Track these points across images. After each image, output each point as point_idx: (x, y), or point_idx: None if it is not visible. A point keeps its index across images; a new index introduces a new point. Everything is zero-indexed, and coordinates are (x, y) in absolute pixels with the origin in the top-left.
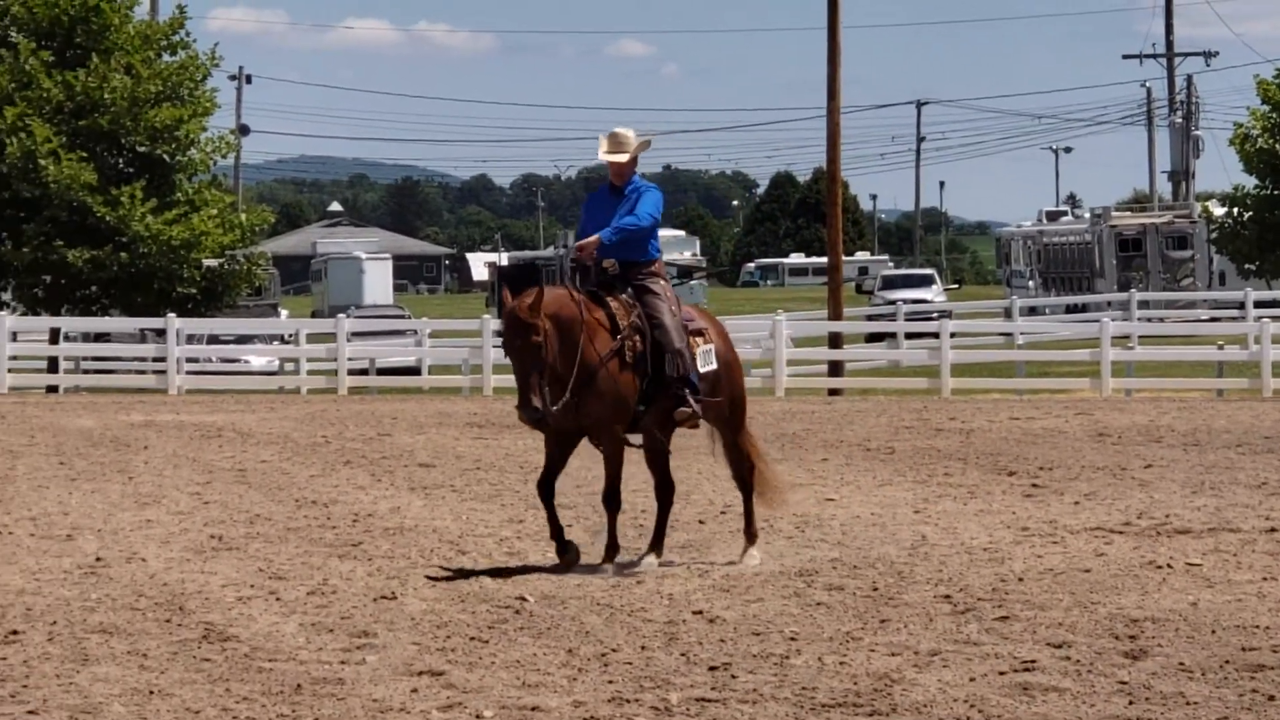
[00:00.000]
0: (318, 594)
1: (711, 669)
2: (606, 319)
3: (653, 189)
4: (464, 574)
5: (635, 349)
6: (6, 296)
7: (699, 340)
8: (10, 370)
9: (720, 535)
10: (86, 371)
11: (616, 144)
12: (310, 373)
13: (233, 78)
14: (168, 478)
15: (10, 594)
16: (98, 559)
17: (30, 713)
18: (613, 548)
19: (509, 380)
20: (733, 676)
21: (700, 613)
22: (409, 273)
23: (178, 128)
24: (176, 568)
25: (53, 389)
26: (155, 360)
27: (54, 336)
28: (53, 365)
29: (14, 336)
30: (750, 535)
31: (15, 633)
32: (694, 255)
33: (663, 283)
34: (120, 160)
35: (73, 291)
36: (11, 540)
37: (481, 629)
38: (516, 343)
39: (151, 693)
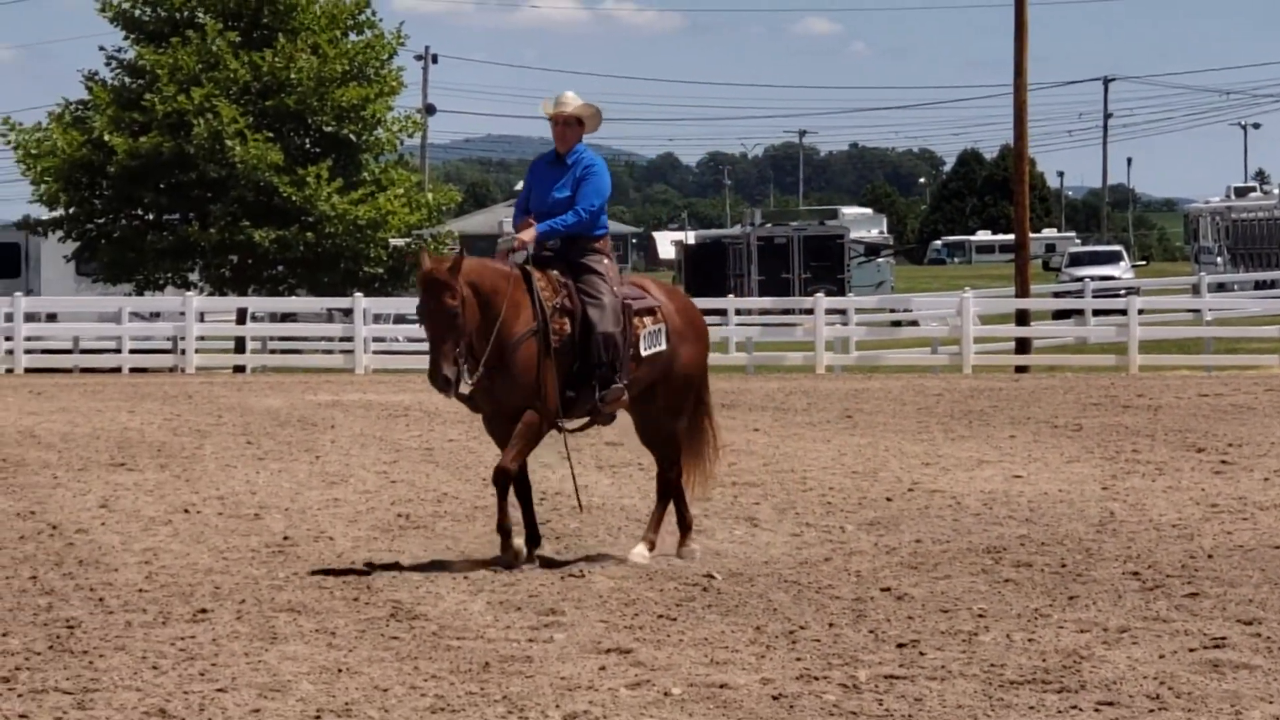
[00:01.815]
0: (505, 572)
1: (899, 646)
2: (529, 298)
3: (598, 166)
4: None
5: (562, 332)
6: (194, 277)
7: (646, 320)
8: (198, 350)
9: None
10: (273, 351)
11: (561, 104)
12: None
13: (419, 57)
14: (355, 457)
15: (199, 573)
16: (285, 538)
17: (219, 690)
18: (504, 531)
19: None
20: (921, 653)
21: (888, 590)
22: None
23: (364, 107)
24: (364, 546)
25: (240, 369)
26: (342, 340)
27: (241, 317)
28: (240, 345)
29: (201, 317)
30: (652, 533)
31: (204, 611)
32: (881, 233)
33: (606, 261)
34: (306, 140)
35: (259, 272)
36: (200, 519)
37: (669, 606)
38: (430, 305)
39: (340, 670)
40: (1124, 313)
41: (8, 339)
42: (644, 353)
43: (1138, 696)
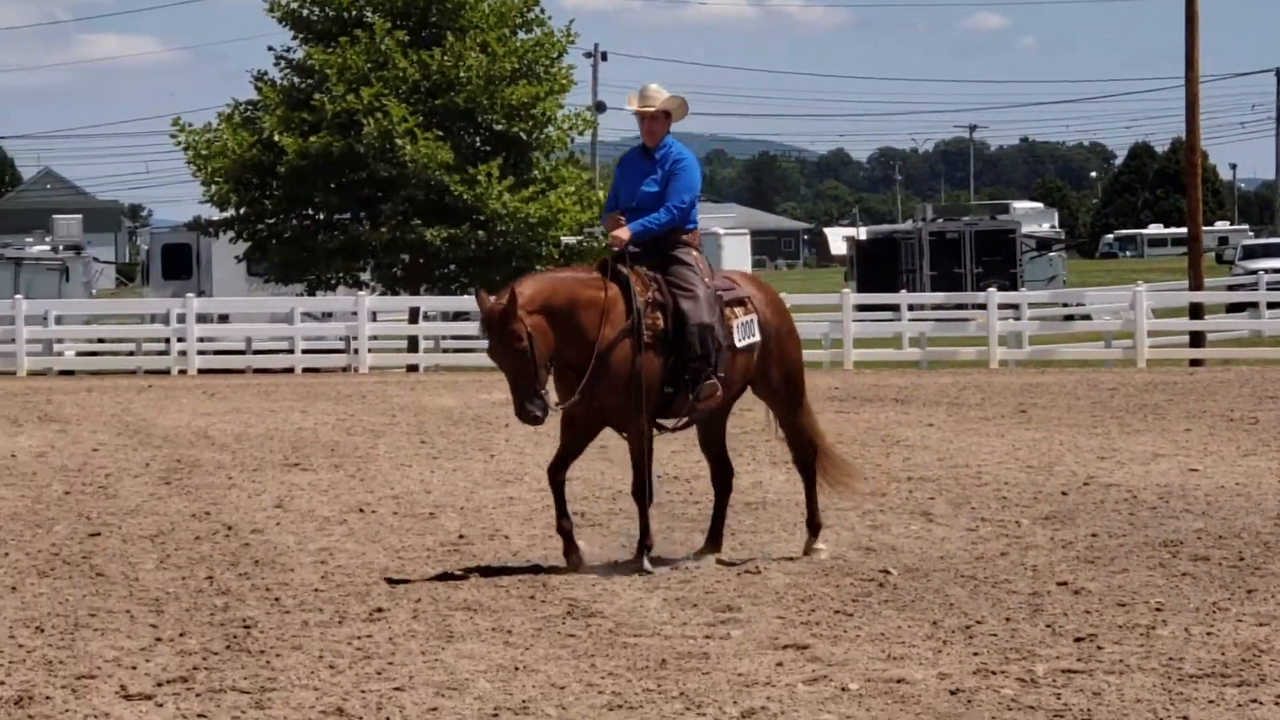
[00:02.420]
0: (680, 569)
1: (1077, 640)
2: (621, 296)
3: (687, 160)
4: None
5: (655, 327)
6: (365, 276)
7: (738, 311)
8: (371, 350)
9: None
10: (446, 350)
11: (646, 99)
12: None
13: (588, 55)
14: (529, 455)
15: (375, 572)
16: (460, 536)
17: (397, 689)
18: (644, 543)
19: (870, 354)
20: (1098, 648)
21: (1064, 584)
22: (767, 248)
23: (534, 105)
24: (539, 544)
25: (413, 368)
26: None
27: (413, 316)
28: (412, 344)
29: (374, 316)
30: (813, 526)
31: (380, 610)
32: (1052, 227)
33: (695, 253)
34: (477, 139)
35: (431, 270)
36: (375, 519)
37: (845, 602)
38: (499, 348)
39: (517, 668)
40: None
41: (180, 340)
42: (739, 344)
43: None
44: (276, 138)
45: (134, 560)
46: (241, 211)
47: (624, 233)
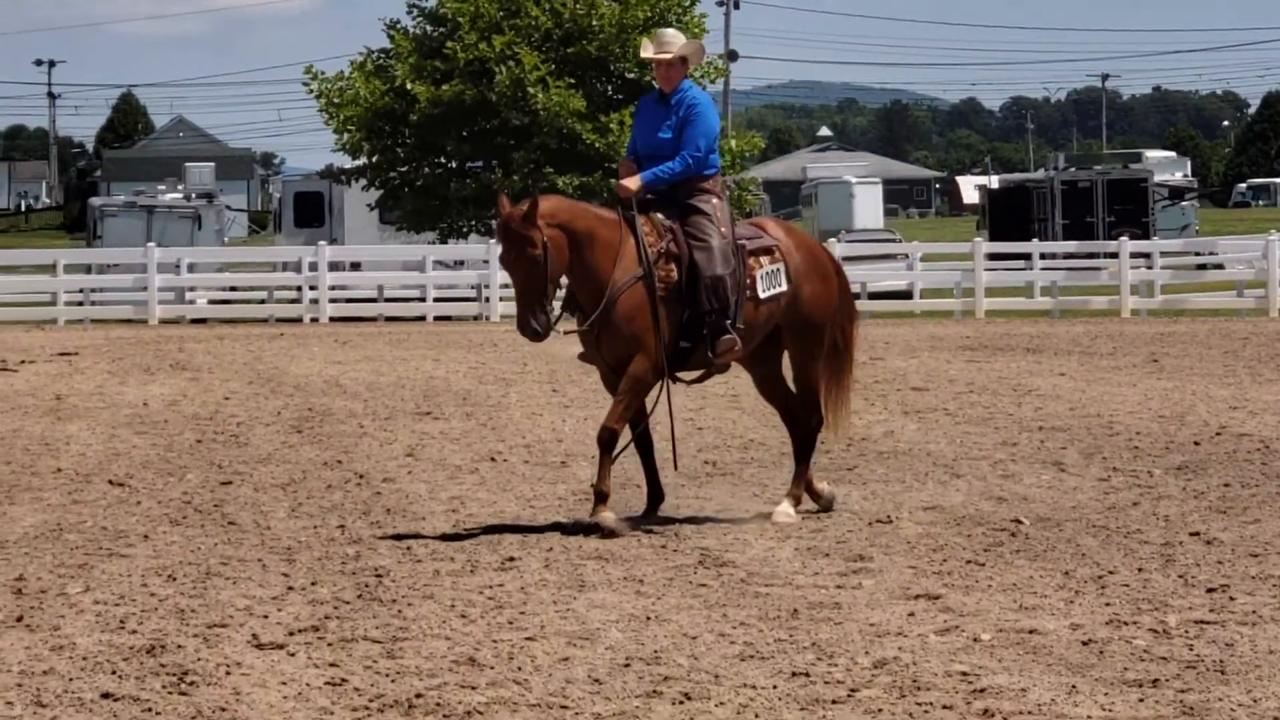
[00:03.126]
0: (813, 518)
1: (1209, 591)
2: (635, 243)
3: (702, 105)
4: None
5: (669, 279)
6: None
7: (763, 260)
8: (502, 299)
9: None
10: None
11: (662, 44)
12: None
13: (720, 3)
14: (660, 404)
15: (507, 520)
16: (591, 485)
17: (528, 638)
18: (601, 496)
19: (1002, 303)
20: (1231, 598)
21: (1197, 534)
22: (899, 196)
23: None
24: (673, 493)
25: None
26: None
27: None
28: None
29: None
30: (794, 494)
31: (512, 559)
32: (1185, 176)
33: (715, 200)
34: (608, 87)
35: None
36: (506, 467)
37: (977, 552)
38: (512, 256)
39: (648, 618)
40: None
41: (312, 288)
42: (761, 295)
43: None
44: (409, 86)
45: (266, 509)
46: (374, 160)
47: (633, 182)
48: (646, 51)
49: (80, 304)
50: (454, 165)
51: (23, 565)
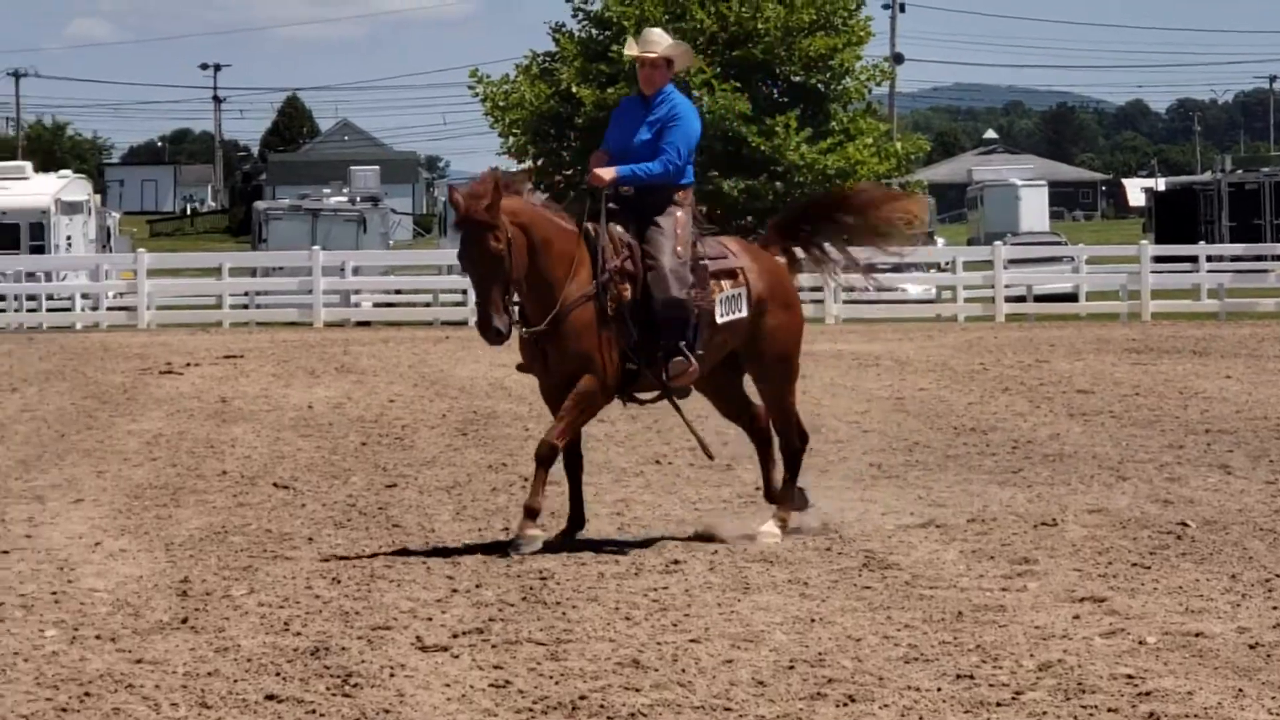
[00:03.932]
0: (977, 521)
1: None
2: (589, 257)
3: (685, 110)
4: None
5: (621, 297)
6: None
7: (725, 284)
8: None
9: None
10: None
11: (647, 43)
12: (967, 300)
13: (886, 6)
14: (826, 406)
15: (671, 523)
16: (757, 488)
17: (692, 641)
18: (530, 512)
19: (1168, 305)
20: None
21: None
22: (1064, 199)
23: (831, 57)
24: (835, 496)
25: None
26: (812, 290)
27: None
28: None
29: None
30: (781, 518)
31: (676, 562)
32: None
33: (681, 214)
34: (774, 90)
35: (728, 222)
36: (670, 470)
37: (1143, 555)
38: (473, 250)
39: (813, 620)
40: None
41: None
42: (719, 320)
43: None
44: (574, 89)
45: (430, 512)
46: (539, 163)
47: (607, 173)
48: (630, 50)
49: (245, 307)
50: None
51: (188, 568)
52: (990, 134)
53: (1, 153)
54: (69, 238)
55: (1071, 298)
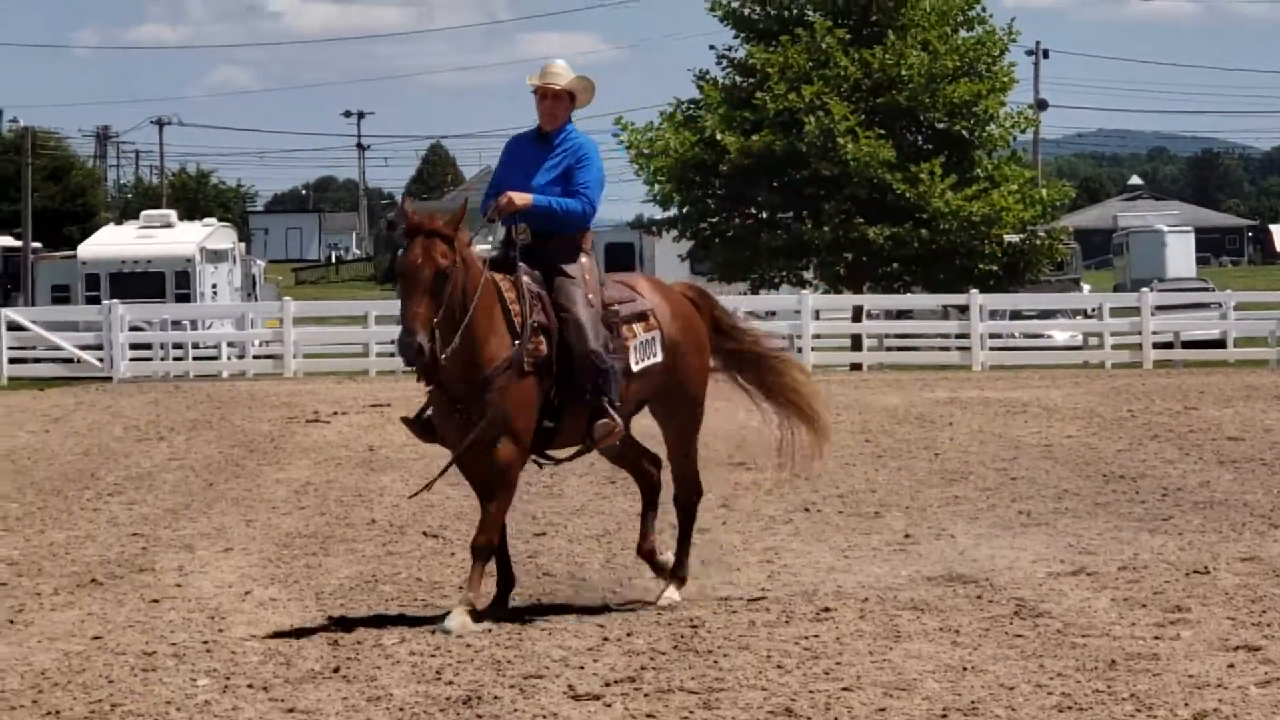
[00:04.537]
0: (1129, 569)
1: None
2: (502, 311)
3: (592, 150)
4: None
5: (537, 353)
6: (808, 275)
7: (638, 328)
8: (814, 349)
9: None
10: (889, 349)
11: (550, 75)
12: (1114, 347)
13: (1030, 53)
14: (973, 453)
15: (822, 571)
16: (906, 535)
17: (845, 689)
18: (470, 604)
19: None
20: None
21: None
22: (1210, 245)
23: (976, 103)
24: (985, 544)
25: (856, 366)
26: (958, 336)
27: (856, 314)
28: (856, 343)
29: (817, 314)
30: (678, 576)
31: (827, 610)
32: None
33: (585, 260)
34: (919, 137)
35: (874, 269)
36: (820, 518)
37: None
38: (417, 259)
39: (965, 669)
40: None
41: None
42: (634, 367)
43: None
44: (719, 136)
45: (580, 560)
46: (684, 210)
47: (521, 197)
48: (532, 80)
49: (392, 355)
50: (764, 216)
51: (330, 611)
52: (1135, 180)
53: (146, 201)
54: (214, 286)
55: (1220, 344)
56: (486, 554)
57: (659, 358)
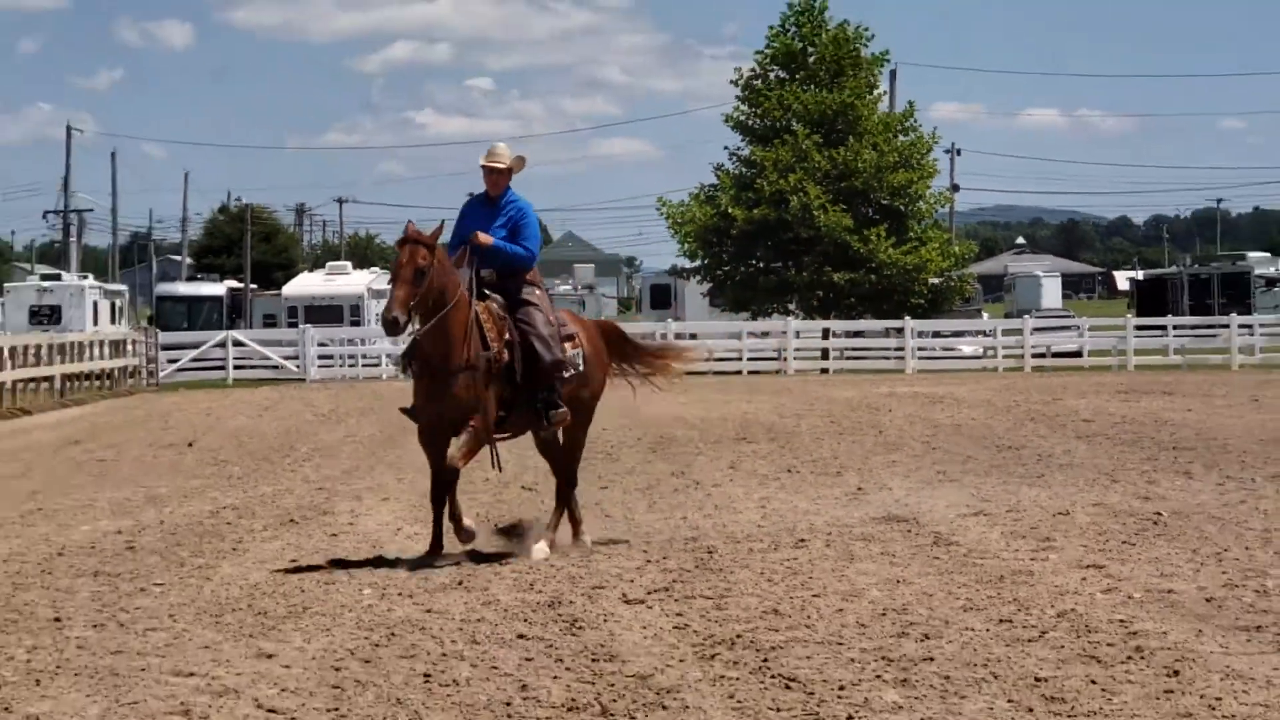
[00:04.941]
0: (1013, 511)
1: None
2: (476, 325)
3: (529, 209)
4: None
5: (500, 359)
6: (792, 307)
7: (568, 346)
8: (795, 358)
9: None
10: (848, 358)
11: (495, 156)
12: (1004, 356)
13: (947, 151)
14: (906, 431)
15: (799, 513)
16: (859, 488)
17: (814, 596)
18: (436, 546)
19: (1147, 360)
20: None
21: None
22: (1071, 285)
23: (909, 186)
24: (914, 494)
25: (825, 370)
26: (896, 349)
27: (825, 334)
28: (825, 354)
29: (797, 334)
30: (550, 533)
31: (803, 540)
32: (1276, 270)
33: (539, 292)
34: (869, 210)
35: (837, 302)
36: (798, 476)
37: (1130, 535)
38: (404, 257)
39: (898, 582)
40: None
41: None
42: (566, 375)
43: None
44: (730, 210)
45: (631, 506)
46: (705, 262)
47: (486, 238)
48: (482, 160)
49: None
50: (761, 265)
51: (458, 546)
52: (1020, 240)
53: (330, 255)
54: (377, 314)
55: (1078, 354)
56: (453, 479)
57: (582, 368)
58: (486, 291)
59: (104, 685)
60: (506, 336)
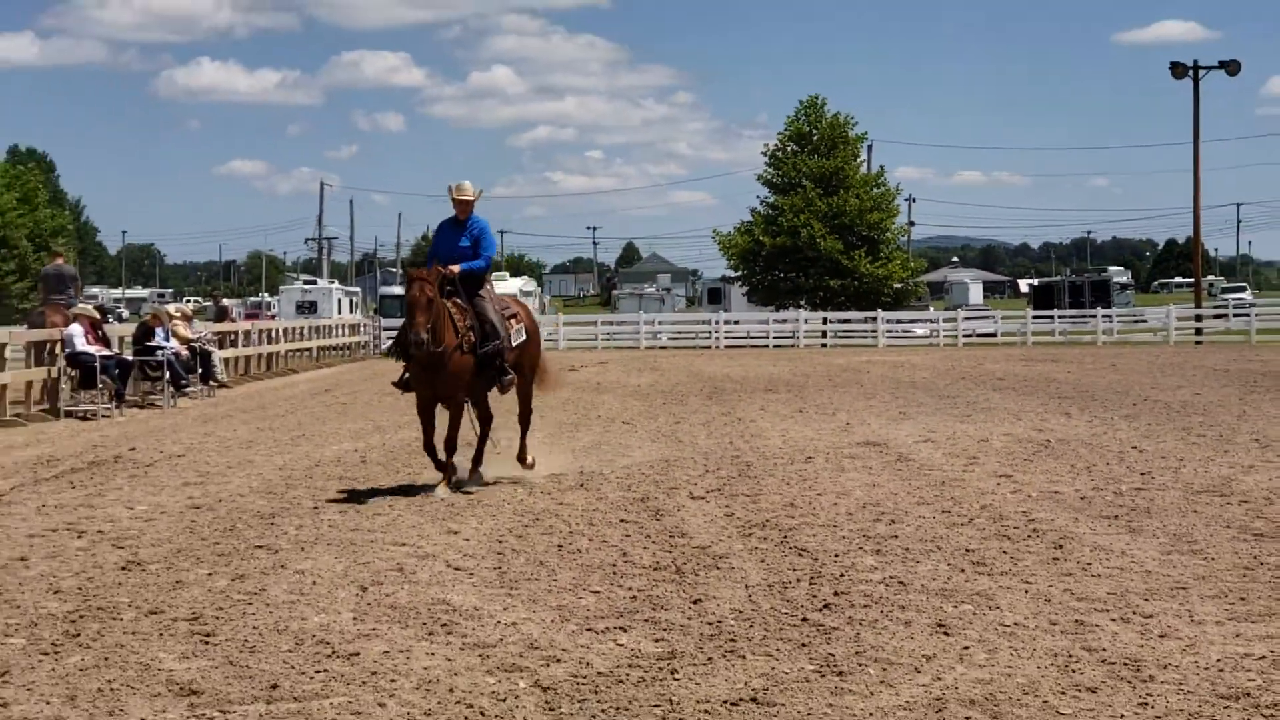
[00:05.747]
0: (950, 439)
1: (1142, 474)
2: (449, 319)
3: (488, 226)
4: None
5: (469, 340)
6: (802, 303)
7: (513, 323)
8: (805, 335)
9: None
10: (840, 337)
11: (462, 191)
12: (944, 336)
13: (907, 199)
14: (879, 385)
15: (806, 439)
16: (847, 423)
17: (818, 495)
18: (451, 470)
19: (1040, 339)
20: (1153, 477)
21: (1136, 448)
22: (991, 289)
23: (881, 223)
24: (884, 427)
25: (824, 345)
26: (872, 332)
27: (824, 321)
28: (824, 334)
29: (806, 321)
30: (522, 459)
31: (810, 457)
32: (1128, 280)
33: (488, 288)
34: (854, 238)
35: (832, 300)
36: (805, 415)
37: (1030, 455)
38: (414, 291)
39: (873, 485)
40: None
41: (716, 332)
42: (513, 343)
43: None
44: (761, 238)
45: (694, 435)
46: (744, 273)
47: (455, 269)
48: (451, 193)
49: (609, 339)
50: (782, 276)
51: (581, 461)
52: (955, 259)
53: (497, 268)
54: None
55: (994, 335)
56: (451, 449)
57: (524, 338)
58: (449, 289)
59: (346, 551)
60: (472, 323)
